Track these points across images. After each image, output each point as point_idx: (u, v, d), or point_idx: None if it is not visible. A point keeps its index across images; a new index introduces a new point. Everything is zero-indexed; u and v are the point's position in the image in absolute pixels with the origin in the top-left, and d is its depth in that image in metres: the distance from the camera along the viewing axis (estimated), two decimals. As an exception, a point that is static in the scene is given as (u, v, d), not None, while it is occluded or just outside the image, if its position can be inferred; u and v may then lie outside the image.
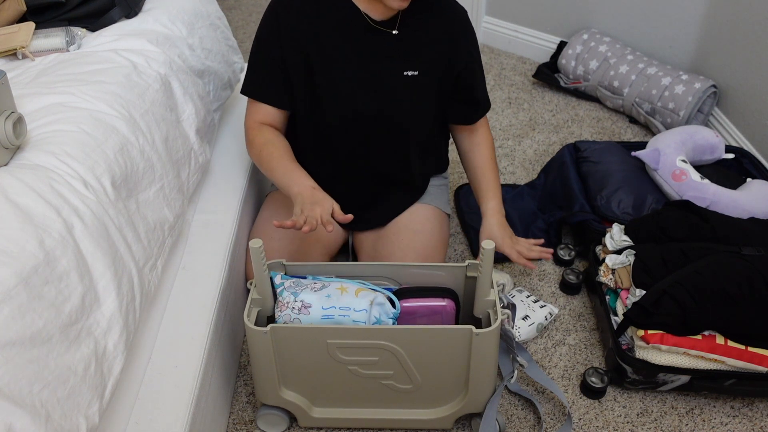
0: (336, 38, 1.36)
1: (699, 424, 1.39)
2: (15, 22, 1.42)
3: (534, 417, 1.40)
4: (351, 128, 1.41)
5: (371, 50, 1.37)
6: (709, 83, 2.15)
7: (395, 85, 1.39)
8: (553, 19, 2.62)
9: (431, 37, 1.39)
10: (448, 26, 1.41)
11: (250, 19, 3.12)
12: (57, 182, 0.98)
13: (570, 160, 1.94)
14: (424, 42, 1.39)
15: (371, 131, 1.42)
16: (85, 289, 0.94)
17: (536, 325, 1.54)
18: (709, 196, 1.69)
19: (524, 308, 1.55)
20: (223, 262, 1.38)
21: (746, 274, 1.35)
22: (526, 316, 1.53)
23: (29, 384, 0.80)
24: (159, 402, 1.12)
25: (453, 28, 1.41)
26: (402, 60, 1.38)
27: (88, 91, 1.18)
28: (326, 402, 1.31)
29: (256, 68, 1.41)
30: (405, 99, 1.40)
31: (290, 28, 1.35)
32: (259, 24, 1.40)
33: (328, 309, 1.20)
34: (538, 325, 1.54)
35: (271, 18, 1.38)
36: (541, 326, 1.55)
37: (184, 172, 1.37)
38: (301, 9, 1.36)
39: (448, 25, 1.41)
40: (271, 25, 1.37)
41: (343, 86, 1.37)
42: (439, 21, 1.40)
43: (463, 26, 1.44)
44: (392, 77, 1.38)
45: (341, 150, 1.45)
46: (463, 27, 1.44)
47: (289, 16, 1.35)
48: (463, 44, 1.43)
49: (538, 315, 1.55)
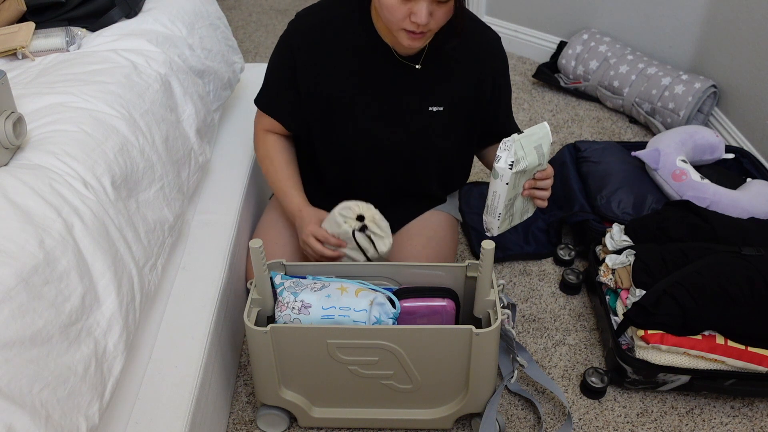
0: (356, 70, 1.30)
1: (699, 424, 1.39)
2: (15, 22, 1.42)
3: (534, 417, 1.40)
4: (372, 160, 1.38)
5: (395, 84, 1.31)
6: (709, 83, 2.15)
7: (420, 121, 1.34)
8: (553, 19, 2.62)
9: (457, 71, 1.32)
10: (477, 58, 1.33)
11: (250, 19, 3.12)
12: (57, 182, 0.98)
13: (570, 160, 1.94)
14: (450, 76, 1.33)
15: (394, 163, 1.39)
16: (85, 289, 0.94)
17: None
18: (709, 196, 1.69)
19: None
20: (223, 262, 1.38)
21: (746, 274, 1.35)
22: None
23: (29, 384, 0.80)
24: (159, 402, 1.12)
25: (482, 61, 1.34)
26: (427, 95, 1.32)
27: (88, 91, 1.18)
28: (326, 402, 1.31)
29: (270, 84, 1.40)
30: (430, 135, 1.35)
31: (304, 55, 1.30)
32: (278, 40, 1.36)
33: (328, 309, 1.20)
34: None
35: (287, 41, 1.32)
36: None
37: (184, 172, 1.37)
38: (317, 38, 1.29)
39: (476, 57, 1.33)
40: (286, 50, 1.33)
41: (365, 122, 1.33)
42: (468, 53, 1.32)
43: (493, 56, 1.36)
44: (417, 113, 1.33)
45: (360, 173, 1.41)
46: (492, 56, 1.36)
47: (304, 44, 1.30)
48: (490, 76, 1.36)
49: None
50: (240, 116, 1.84)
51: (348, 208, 1.31)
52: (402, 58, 1.30)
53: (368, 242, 1.32)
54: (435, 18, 1.14)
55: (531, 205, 1.35)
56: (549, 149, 1.26)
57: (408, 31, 1.16)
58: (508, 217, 1.31)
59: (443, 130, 1.36)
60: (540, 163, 1.26)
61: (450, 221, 1.53)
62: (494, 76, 1.37)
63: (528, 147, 1.22)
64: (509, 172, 1.20)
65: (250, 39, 2.94)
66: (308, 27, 1.31)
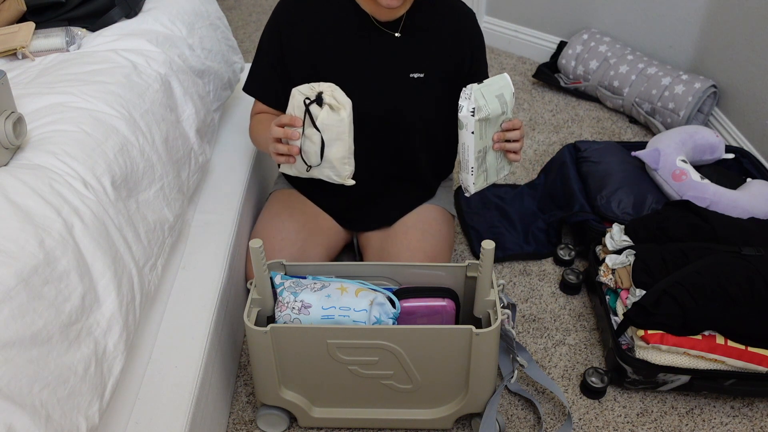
0: (340, 40, 1.36)
1: (699, 424, 1.39)
2: (15, 22, 1.42)
3: (534, 417, 1.40)
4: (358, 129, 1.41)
5: (376, 52, 1.37)
6: (709, 83, 2.15)
7: (401, 87, 1.38)
8: (553, 19, 2.62)
9: (437, 39, 1.39)
10: (454, 27, 1.40)
11: (250, 19, 3.12)
12: (57, 182, 0.98)
13: (570, 160, 1.94)
14: (429, 44, 1.39)
15: (378, 132, 1.42)
16: (85, 289, 0.94)
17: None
18: (709, 196, 1.69)
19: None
20: (223, 262, 1.38)
21: (746, 274, 1.35)
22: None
23: (29, 384, 0.80)
24: (159, 402, 1.12)
25: (459, 30, 1.41)
26: (407, 62, 1.38)
27: (88, 91, 1.18)
28: (326, 402, 1.31)
29: (257, 68, 1.46)
30: (411, 101, 1.40)
31: (292, 32, 1.36)
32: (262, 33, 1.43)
33: (328, 309, 1.20)
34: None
35: (272, 23, 1.40)
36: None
37: (184, 172, 1.37)
38: (303, 12, 1.36)
39: (454, 26, 1.40)
40: (272, 30, 1.40)
41: (348, 89, 1.36)
42: (446, 22, 1.40)
43: (470, 27, 1.43)
44: (398, 80, 1.38)
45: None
46: (470, 28, 1.43)
47: (291, 20, 1.37)
48: (468, 46, 1.43)
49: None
50: (240, 116, 1.84)
51: (310, 88, 1.21)
52: (382, 26, 1.34)
53: (319, 109, 1.19)
54: None
55: (505, 162, 1.36)
56: (512, 99, 1.29)
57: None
58: (482, 173, 1.31)
59: (425, 97, 1.41)
60: (504, 111, 1.27)
61: (445, 215, 1.55)
62: (472, 48, 1.44)
63: (489, 95, 1.24)
64: (472, 119, 1.22)
65: (250, 39, 2.94)
66: (294, 2, 1.38)
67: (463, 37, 1.42)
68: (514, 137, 1.30)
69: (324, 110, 1.19)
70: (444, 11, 1.40)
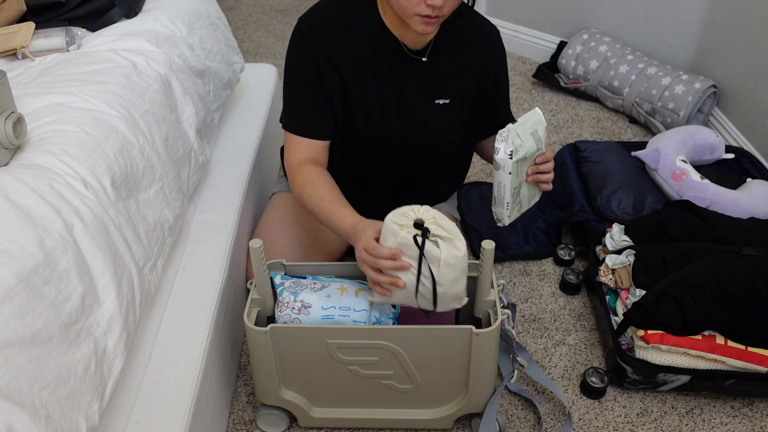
0: (369, 63, 1.30)
1: (699, 424, 1.39)
2: (15, 22, 1.42)
3: (534, 417, 1.40)
4: (380, 149, 1.39)
5: (404, 78, 1.33)
6: (709, 83, 2.15)
7: (426, 113, 1.36)
8: (553, 19, 2.62)
9: (462, 65, 1.36)
10: (480, 50, 1.37)
11: (250, 19, 3.12)
12: (57, 182, 0.98)
13: (570, 160, 1.94)
14: (455, 70, 1.35)
15: (400, 153, 1.40)
16: (85, 289, 0.94)
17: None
18: (709, 196, 1.69)
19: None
20: (223, 262, 1.38)
21: (746, 274, 1.35)
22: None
23: (29, 384, 0.80)
24: (159, 402, 1.12)
25: (485, 51, 1.37)
26: (433, 88, 1.35)
27: (88, 91, 1.18)
28: (326, 402, 1.31)
29: (295, 99, 1.33)
30: (436, 127, 1.38)
31: (324, 50, 1.28)
32: (287, 52, 1.32)
33: (328, 309, 1.20)
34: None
35: (302, 42, 1.29)
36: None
37: (184, 172, 1.37)
38: (332, 31, 1.28)
39: (480, 49, 1.37)
40: (303, 49, 1.28)
41: (374, 112, 1.34)
42: (472, 45, 1.36)
43: (495, 48, 1.40)
44: (423, 105, 1.35)
45: (368, 162, 1.41)
46: (495, 49, 1.40)
47: (322, 38, 1.27)
48: (492, 66, 1.40)
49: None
50: (240, 116, 1.84)
51: (402, 215, 1.09)
52: (409, 52, 1.31)
53: (436, 248, 1.07)
54: (448, 1, 1.16)
55: (537, 190, 1.36)
56: (545, 133, 1.28)
57: (422, 15, 1.17)
58: (516, 205, 1.32)
59: (449, 122, 1.39)
60: (538, 148, 1.27)
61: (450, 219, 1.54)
62: (496, 68, 1.41)
63: (524, 134, 1.23)
64: (510, 161, 1.22)
65: (250, 39, 2.94)
66: (323, 23, 1.29)
67: (488, 58, 1.38)
68: (546, 170, 1.30)
69: (442, 248, 1.06)
70: (470, 33, 1.35)
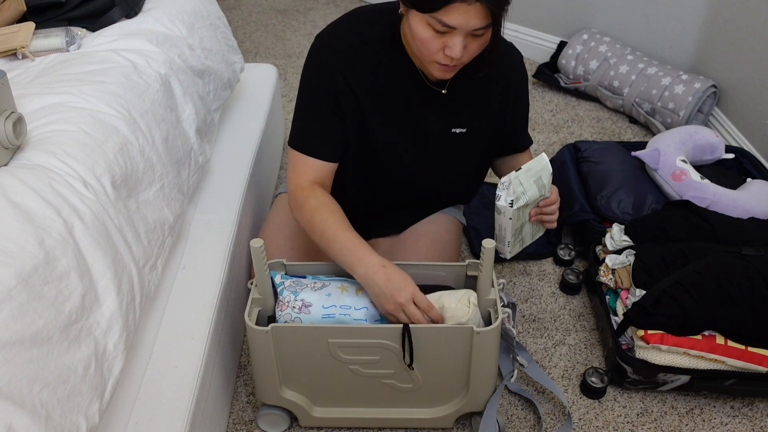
0: (388, 89, 1.27)
1: (699, 424, 1.39)
2: (15, 22, 1.42)
3: (534, 417, 1.40)
4: (393, 175, 1.37)
5: (421, 106, 1.30)
6: (709, 83, 2.15)
7: (443, 142, 1.34)
8: (553, 19, 2.63)
9: (483, 93, 1.32)
10: (503, 79, 1.32)
11: (250, 19, 3.12)
12: (57, 182, 0.98)
13: (570, 160, 1.94)
14: (474, 100, 1.32)
15: (414, 179, 1.39)
16: (85, 289, 0.94)
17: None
18: (709, 196, 1.69)
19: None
20: (223, 262, 1.38)
21: (746, 274, 1.35)
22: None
23: (29, 384, 0.80)
24: (159, 402, 1.12)
25: (507, 77, 1.33)
26: (451, 118, 1.32)
27: (88, 91, 1.18)
28: (327, 401, 1.31)
29: (308, 119, 1.29)
30: (451, 155, 1.36)
31: (345, 74, 1.24)
32: (305, 69, 1.28)
33: (328, 308, 1.20)
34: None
35: (322, 62, 1.25)
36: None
37: (184, 172, 1.37)
38: (355, 57, 1.24)
39: (502, 77, 1.32)
40: (323, 70, 1.25)
41: (390, 138, 1.31)
42: (493, 77, 1.30)
43: (517, 74, 1.35)
44: (440, 134, 1.33)
45: (379, 185, 1.40)
46: (517, 75, 1.35)
47: (344, 63, 1.24)
48: (514, 92, 1.36)
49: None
50: (240, 116, 1.84)
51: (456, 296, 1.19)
52: (429, 83, 1.29)
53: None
54: (468, 51, 1.13)
55: (541, 227, 1.38)
56: (549, 179, 1.27)
57: (441, 64, 1.15)
58: (518, 242, 1.34)
59: (465, 151, 1.37)
60: (542, 195, 1.28)
61: (455, 224, 1.54)
62: (517, 94, 1.37)
63: (527, 182, 1.24)
64: (510, 209, 1.24)
65: (250, 39, 2.94)
66: (346, 47, 1.24)
67: (510, 84, 1.34)
68: (550, 212, 1.30)
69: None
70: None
